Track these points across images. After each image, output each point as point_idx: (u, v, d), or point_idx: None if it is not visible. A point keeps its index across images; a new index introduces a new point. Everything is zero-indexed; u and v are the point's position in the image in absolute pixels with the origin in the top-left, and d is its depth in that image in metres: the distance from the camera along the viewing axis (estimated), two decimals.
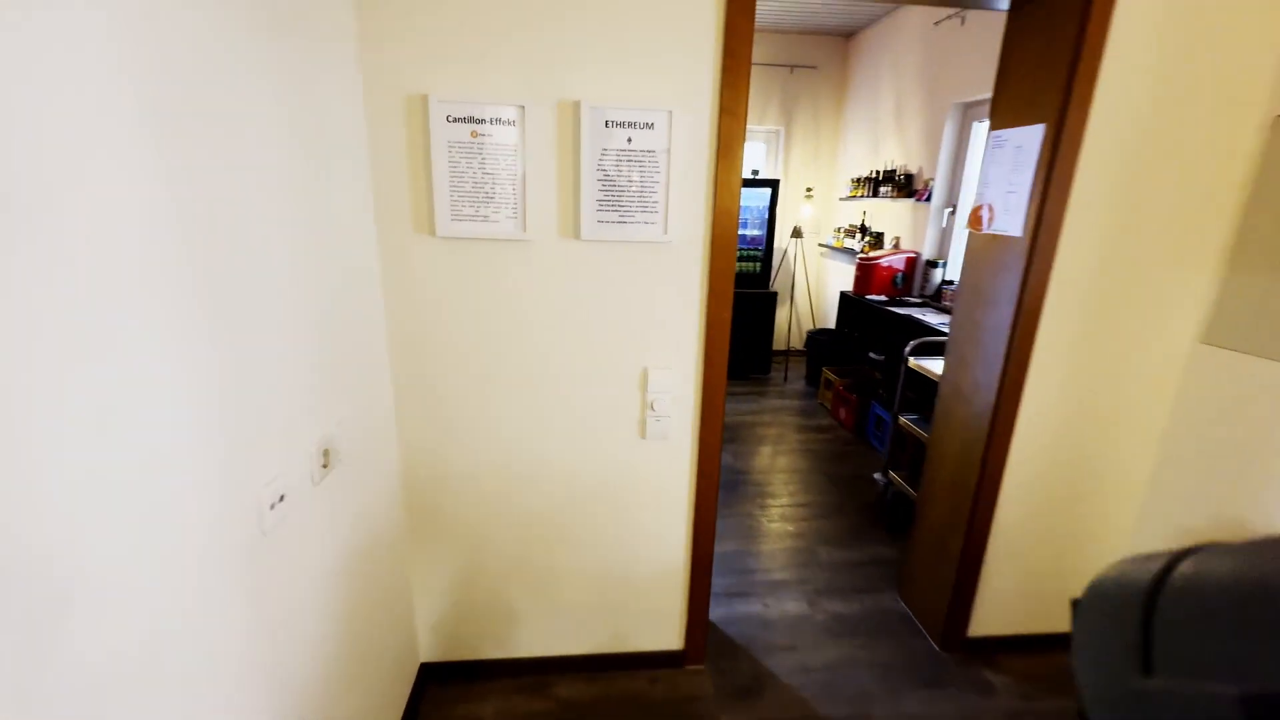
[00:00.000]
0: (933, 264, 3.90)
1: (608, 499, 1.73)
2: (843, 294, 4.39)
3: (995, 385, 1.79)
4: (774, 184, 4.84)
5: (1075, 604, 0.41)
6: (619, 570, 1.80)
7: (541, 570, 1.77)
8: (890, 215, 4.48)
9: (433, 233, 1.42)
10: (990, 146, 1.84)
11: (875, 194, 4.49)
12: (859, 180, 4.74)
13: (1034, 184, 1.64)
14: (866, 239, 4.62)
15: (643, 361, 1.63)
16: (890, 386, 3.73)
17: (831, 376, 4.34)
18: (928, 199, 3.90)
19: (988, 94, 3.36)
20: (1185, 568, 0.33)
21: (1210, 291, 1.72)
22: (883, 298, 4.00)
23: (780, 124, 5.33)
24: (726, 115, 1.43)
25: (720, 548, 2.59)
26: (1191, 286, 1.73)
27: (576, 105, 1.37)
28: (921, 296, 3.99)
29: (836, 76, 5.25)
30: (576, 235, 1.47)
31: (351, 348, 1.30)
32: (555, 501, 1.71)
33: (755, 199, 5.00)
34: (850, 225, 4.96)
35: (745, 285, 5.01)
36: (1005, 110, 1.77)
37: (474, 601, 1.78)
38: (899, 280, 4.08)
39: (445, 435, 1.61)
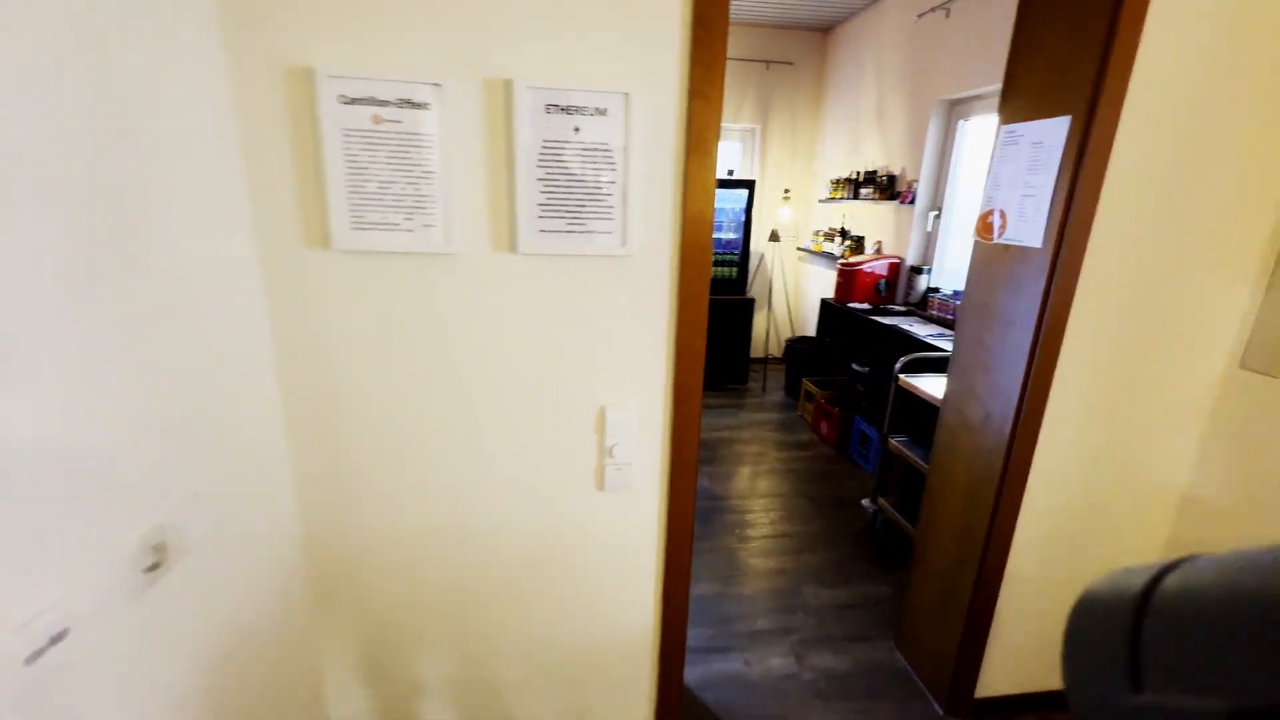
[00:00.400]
0: (917, 270, 3.70)
1: (560, 560, 1.44)
2: (824, 301, 4.17)
3: (1010, 417, 1.56)
4: (750, 185, 4.60)
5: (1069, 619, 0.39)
6: (574, 641, 1.51)
7: (482, 643, 1.48)
8: (872, 218, 4.28)
9: (328, 245, 1.12)
10: (1001, 143, 1.60)
11: (856, 196, 4.28)
12: (839, 182, 4.54)
13: (1057, 187, 1.40)
14: (847, 243, 4.42)
15: (599, 399, 1.35)
16: (875, 401, 3.52)
17: (812, 388, 4.12)
18: (911, 201, 3.70)
19: (975, 90, 3.16)
20: (1173, 579, 0.32)
21: (1253, 309, 1.51)
22: (866, 306, 3.79)
23: (756, 122, 5.10)
24: (698, 99, 1.16)
25: (696, 589, 2.32)
26: (1235, 304, 1.51)
27: (508, 85, 1.08)
28: (906, 304, 3.79)
29: (814, 73, 5.04)
30: (513, 248, 1.18)
31: (216, 401, 0.99)
32: (497, 564, 1.42)
33: (730, 201, 4.75)
34: (830, 229, 4.76)
35: (720, 291, 4.77)
36: (1019, 101, 1.54)
37: (397, 683, 1.48)
38: (882, 287, 3.88)
39: (358, 493, 1.30)
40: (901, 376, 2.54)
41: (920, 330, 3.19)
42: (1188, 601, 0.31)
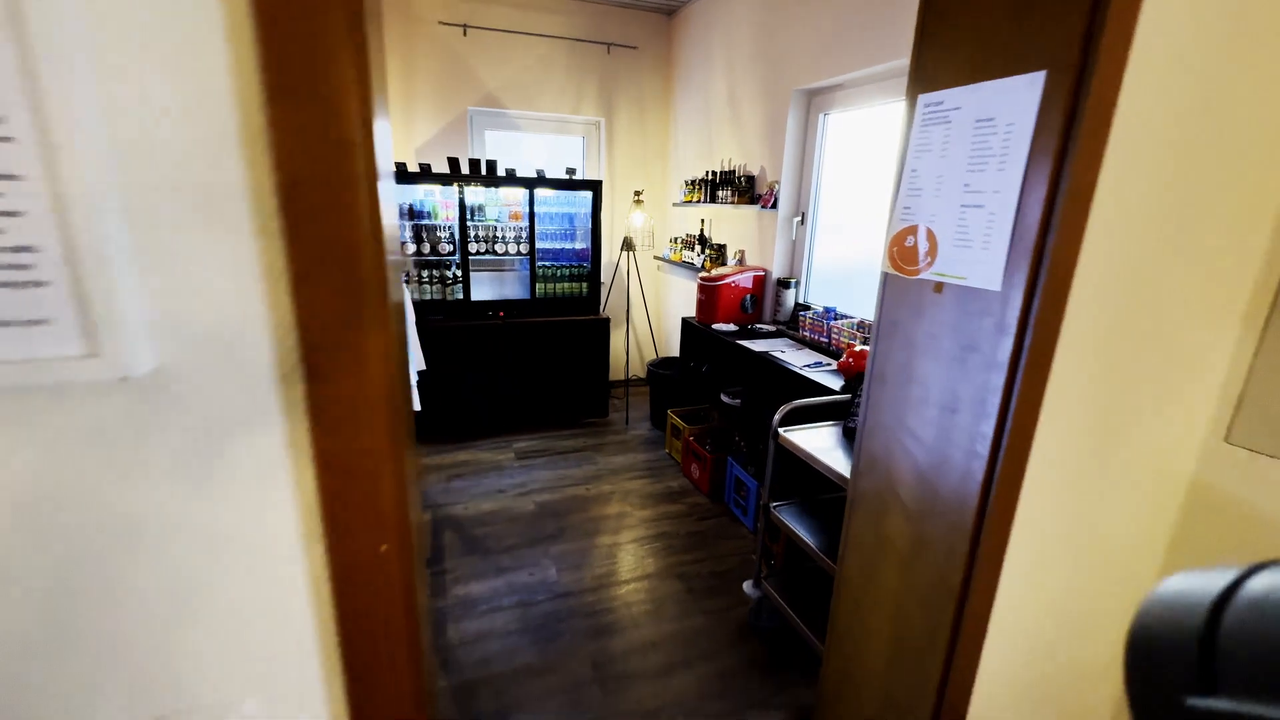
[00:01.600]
0: (785, 284, 3.25)
1: None
2: (685, 321, 3.61)
3: (970, 515, 0.99)
4: (595, 186, 3.93)
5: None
6: None
7: None
8: (732, 224, 3.80)
9: None
10: (919, 123, 1.03)
11: (713, 199, 3.78)
12: (694, 183, 4.02)
13: (1025, 189, 0.84)
14: (708, 252, 3.91)
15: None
16: (750, 439, 2.99)
17: (679, 422, 3.54)
18: (773, 206, 3.24)
19: (836, 78, 2.73)
20: (1261, 580, 0.30)
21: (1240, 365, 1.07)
22: (732, 327, 3.27)
23: (600, 114, 4.44)
24: None
25: None
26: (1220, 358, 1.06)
27: None
28: (775, 323, 3.33)
29: (661, 59, 4.50)
30: None
31: None
32: None
33: (573, 203, 4.05)
34: (688, 235, 4.24)
35: (570, 311, 4.05)
36: (946, 56, 0.97)
37: None
38: (748, 304, 3.39)
39: None
40: (782, 433, 1.98)
41: (795, 358, 2.70)
42: (1271, 608, 0.29)
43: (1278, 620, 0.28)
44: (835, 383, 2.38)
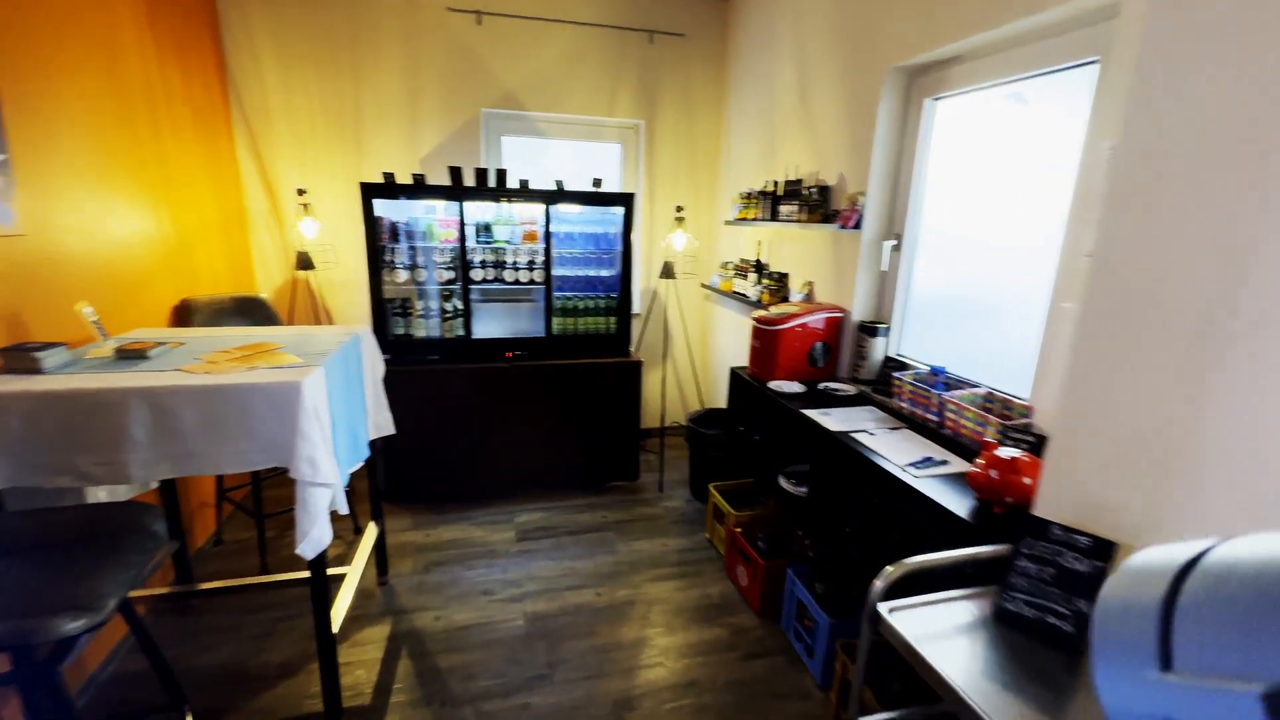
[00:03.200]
0: (870, 329, 2.40)
1: None
2: (734, 374, 2.80)
3: None
4: (626, 200, 3.20)
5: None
6: None
7: None
8: (799, 248, 2.98)
9: None
10: None
11: (773, 216, 2.98)
12: (750, 196, 3.23)
13: None
14: (765, 282, 3.10)
15: None
16: (817, 539, 2.15)
17: (723, 504, 2.73)
18: (856, 225, 2.41)
19: (955, 44, 1.90)
20: (1209, 559, 0.32)
21: None
22: (796, 387, 2.44)
23: (640, 115, 3.73)
24: None
25: None
26: None
27: None
28: (856, 381, 2.48)
29: (713, 48, 3.75)
30: None
31: None
32: None
33: (600, 222, 3.34)
34: (742, 261, 3.44)
35: (594, 351, 3.32)
36: None
37: None
38: (819, 354, 2.56)
39: None
40: (890, 618, 1.15)
41: (889, 447, 1.86)
42: (1225, 578, 0.31)
43: (1222, 598, 0.30)
44: (957, 499, 1.53)
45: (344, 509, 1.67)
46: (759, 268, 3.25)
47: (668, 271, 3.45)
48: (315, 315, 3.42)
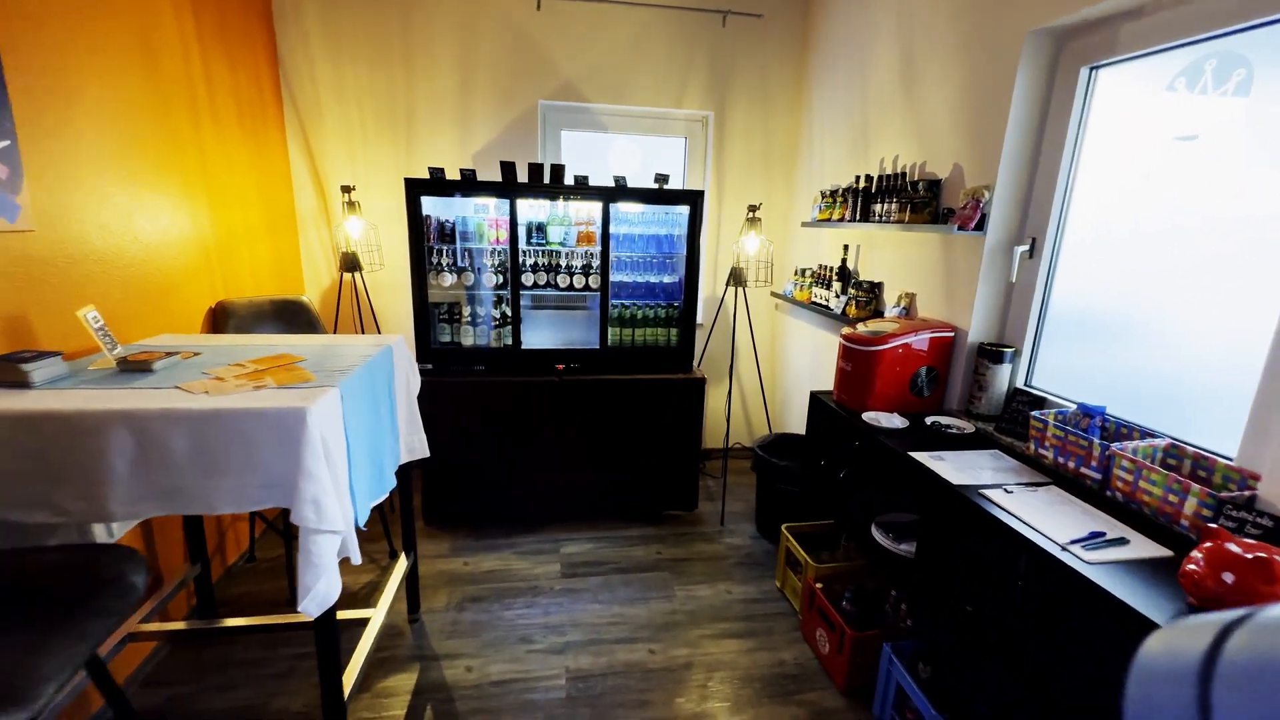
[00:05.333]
0: (993, 354, 1.96)
1: None
2: (815, 399, 2.41)
3: None
4: (694, 198, 2.86)
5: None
6: None
7: None
8: (895, 253, 2.56)
9: None
10: None
11: (864, 216, 2.57)
12: (835, 194, 2.83)
13: None
14: (853, 293, 2.69)
15: None
16: (923, 608, 1.74)
17: (799, 551, 2.34)
18: (978, 227, 1.98)
19: None
20: (1237, 640, 0.31)
21: None
22: (896, 422, 2.03)
23: (709, 106, 3.39)
24: None
25: None
26: None
27: None
28: (972, 416, 2.04)
29: (794, 28, 3.36)
30: None
31: None
32: None
33: (663, 222, 3.01)
34: (822, 267, 3.03)
35: (653, 366, 3.00)
36: None
37: None
38: (924, 381, 2.13)
39: None
40: None
41: (1035, 511, 1.43)
42: (1263, 653, 0.30)
43: (1258, 680, 0.29)
44: (1153, 598, 1.09)
45: (356, 558, 1.40)
46: (844, 275, 2.83)
47: (737, 278, 3.08)
48: (361, 319, 3.26)
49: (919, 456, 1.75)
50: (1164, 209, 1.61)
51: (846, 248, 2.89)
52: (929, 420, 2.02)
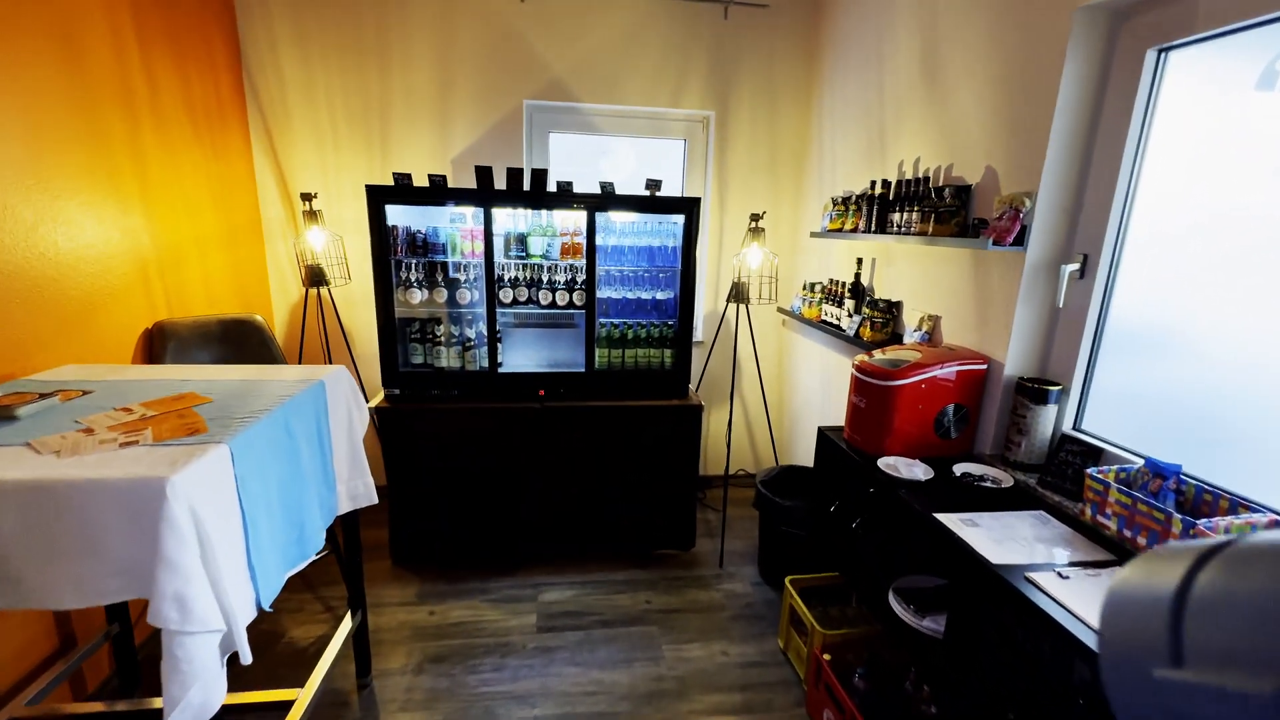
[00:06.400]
0: (1036, 391, 1.65)
1: None
2: (824, 437, 2.10)
3: None
4: (689, 206, 2.58)
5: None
6: None
7: None
8: (916, 269, 2.25)
9: None
10: None
11: (880, 226, 2.27)
12: (847, 201, 2.53)
13: None
14: (867, 312, 2.38)
15: None
16: (947, 695, 1.42)
17: (805, 613, 2.03)
18: (1018, 242, 1.67)
19: None
20: (1217, 563, 0.31)
21: None
22: (918, 471, 1.72)
23: (710, 105, 3.11)
24: None
25: None
26: None
27: None
28: (1009, 464, 1.73)
29: (804, 18, 3.07)
30: None
31: None
32: None
33: (656, 232, 2.73)
34: (833, 282, 2.73)
35: (645, 391, 2.71)
36: None
37: None
38: (950, 421, 1.83)
39: None
40: None
41: (1095, 601, 1.12)
42: (1235, 584, 0.30)
43: (1234, 601, 0.29)
44: None
45: (246, 657, 1.13)
46: (858, 293, 2.53)
47: (739, 294, 2.79)
48: (327, 338, 3.02)
49: (947, 520, 1.44)
50: (1259, 220, 1.29)
51: (860, 261, 2.58)
52: (957, 470, 1.71)
